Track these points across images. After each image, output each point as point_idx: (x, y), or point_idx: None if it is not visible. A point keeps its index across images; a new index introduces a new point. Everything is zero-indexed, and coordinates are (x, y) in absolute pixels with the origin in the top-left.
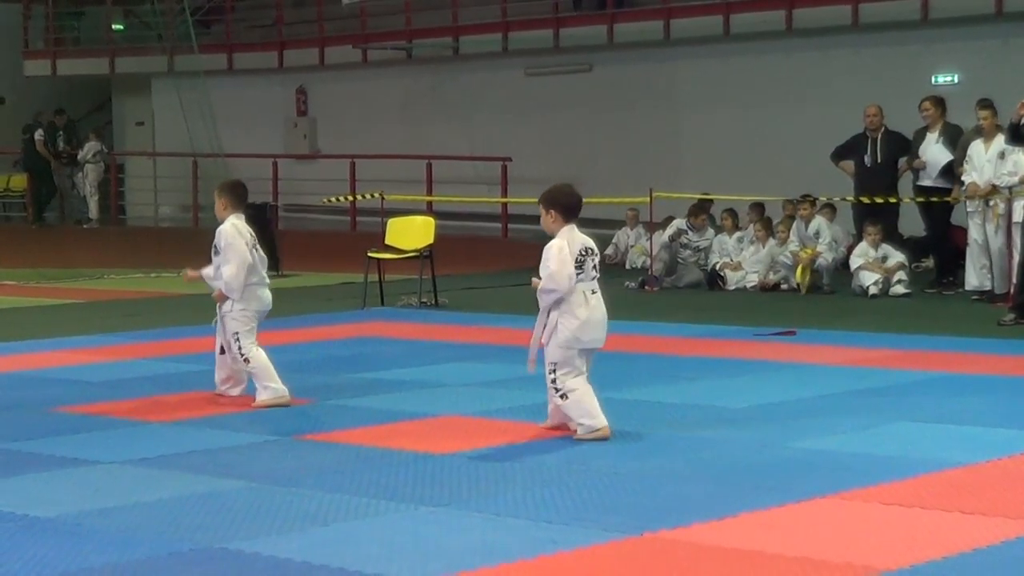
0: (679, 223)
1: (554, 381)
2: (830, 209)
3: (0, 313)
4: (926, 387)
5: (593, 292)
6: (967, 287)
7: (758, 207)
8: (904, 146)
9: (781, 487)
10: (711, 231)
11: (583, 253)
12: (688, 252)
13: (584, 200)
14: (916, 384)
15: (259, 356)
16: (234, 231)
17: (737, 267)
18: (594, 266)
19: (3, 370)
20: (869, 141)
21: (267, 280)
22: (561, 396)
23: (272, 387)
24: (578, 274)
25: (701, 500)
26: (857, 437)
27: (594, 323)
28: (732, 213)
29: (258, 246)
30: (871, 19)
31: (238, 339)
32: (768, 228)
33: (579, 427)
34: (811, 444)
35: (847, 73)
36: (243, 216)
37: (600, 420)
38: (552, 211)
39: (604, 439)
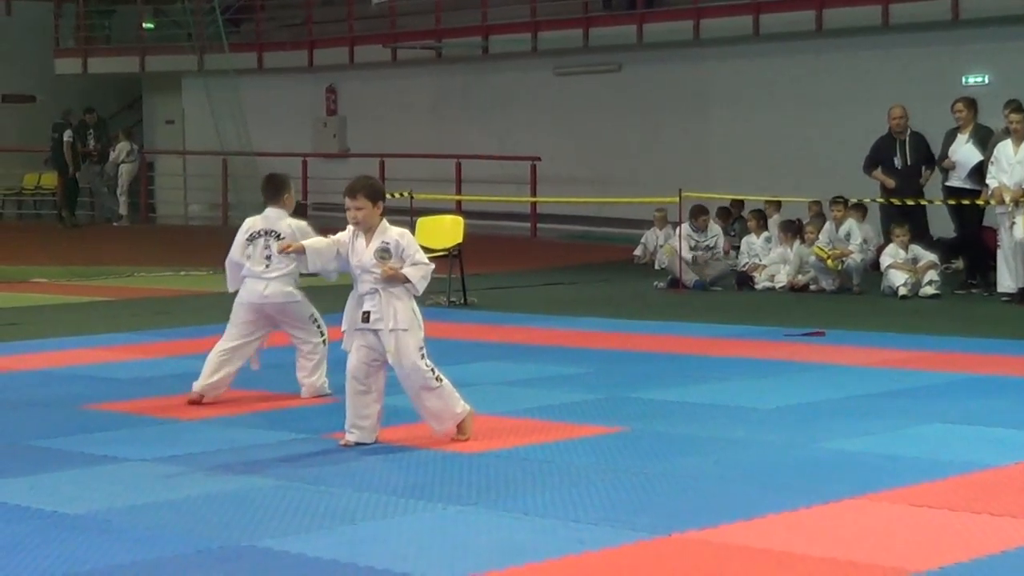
0: (684, 228)
1: (429, 364)
2: (860, 209)
3: (30, 310)
4: (956, 389)
5: None
6: (1000, 288)
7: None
8: (928, 148)
9: (810, 488)
10: (716, 228)
11: None
12: (699, 252)
13: (613, 200)
14: (946, 385)
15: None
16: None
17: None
18: None
19: (33, 367)
20: (897, 143)
21: (257, 273)
22: (437, 379)
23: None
24: None
25: (729, 501)
26: (886, 438)
27: None
28: (759, 214)
29: (258, 240)
30: (901, 19)
31: None
32: (790, 230)
33: (454, 415)
34: (840, 445)
35: (877, 74)
36: (265, 209)
37: (466, 404)
38: (380, 203)
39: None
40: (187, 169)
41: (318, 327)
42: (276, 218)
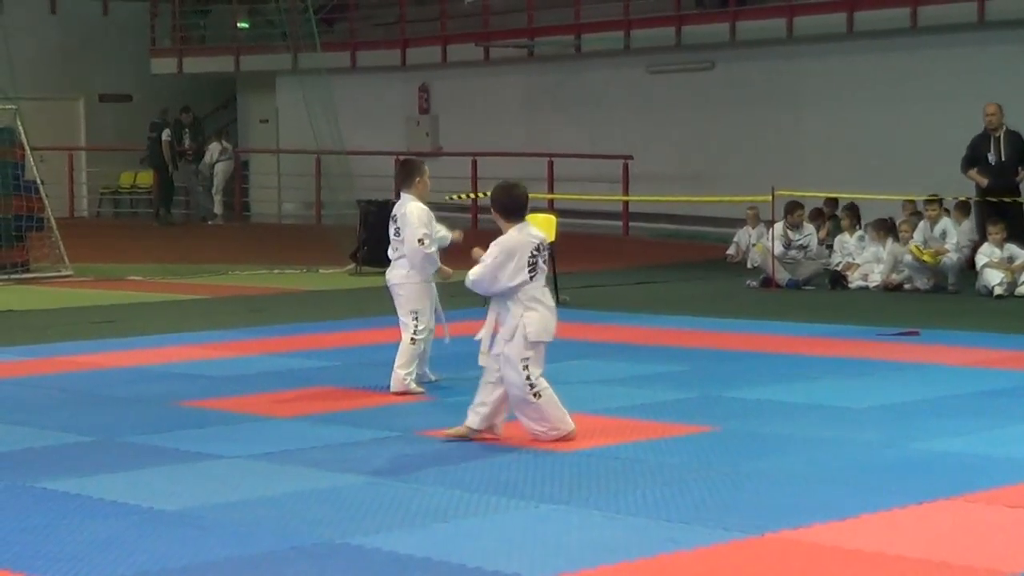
0: (778, 226)
1: (529, 378)
2: (964, 207)
3: (126, 308)
4: None
5: (544, 286)
6: None
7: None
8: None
9: (903, 488)
10: (810, 227)
11: (534, 252)
12: (793, 252)
13: (705, 199)
14: None
15: None
16: None
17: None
18: (544, 260)
19: (128, 364)
20: (992, 140)
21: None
22: (535, 395)
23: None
24: (532, 275)
25: (822, 500)
26: (981, 438)
27: (554, 315)
28: (852, 212)
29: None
30: (996, 16)
31: None
32: (883, 228)
33: (550, 429)
34: (934, 445)
35: (972, 71)
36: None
37: (569, 421)
38: (492, 211)
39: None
40: (281, 168)
41: (415, 322)
42: (400, 203)
